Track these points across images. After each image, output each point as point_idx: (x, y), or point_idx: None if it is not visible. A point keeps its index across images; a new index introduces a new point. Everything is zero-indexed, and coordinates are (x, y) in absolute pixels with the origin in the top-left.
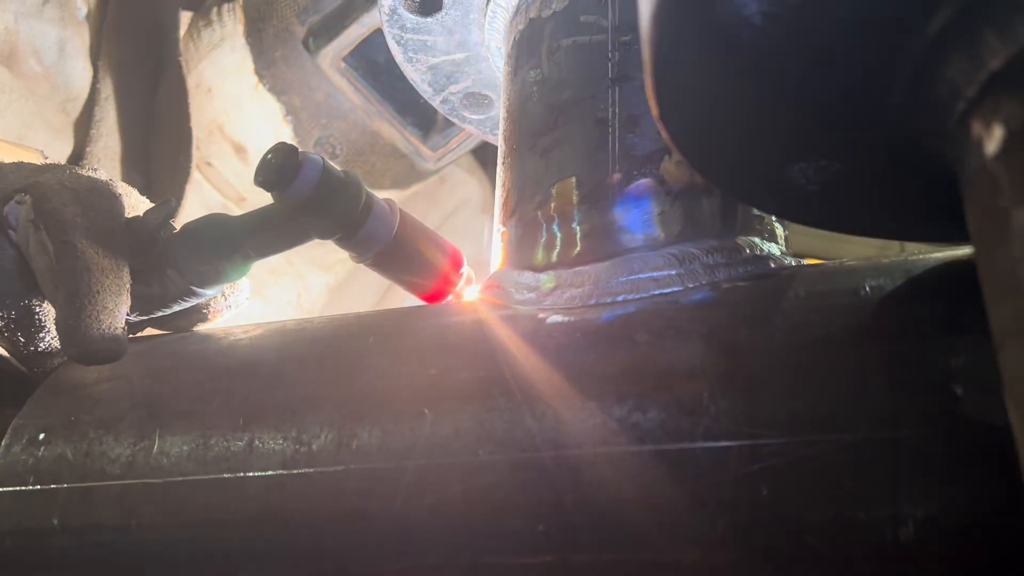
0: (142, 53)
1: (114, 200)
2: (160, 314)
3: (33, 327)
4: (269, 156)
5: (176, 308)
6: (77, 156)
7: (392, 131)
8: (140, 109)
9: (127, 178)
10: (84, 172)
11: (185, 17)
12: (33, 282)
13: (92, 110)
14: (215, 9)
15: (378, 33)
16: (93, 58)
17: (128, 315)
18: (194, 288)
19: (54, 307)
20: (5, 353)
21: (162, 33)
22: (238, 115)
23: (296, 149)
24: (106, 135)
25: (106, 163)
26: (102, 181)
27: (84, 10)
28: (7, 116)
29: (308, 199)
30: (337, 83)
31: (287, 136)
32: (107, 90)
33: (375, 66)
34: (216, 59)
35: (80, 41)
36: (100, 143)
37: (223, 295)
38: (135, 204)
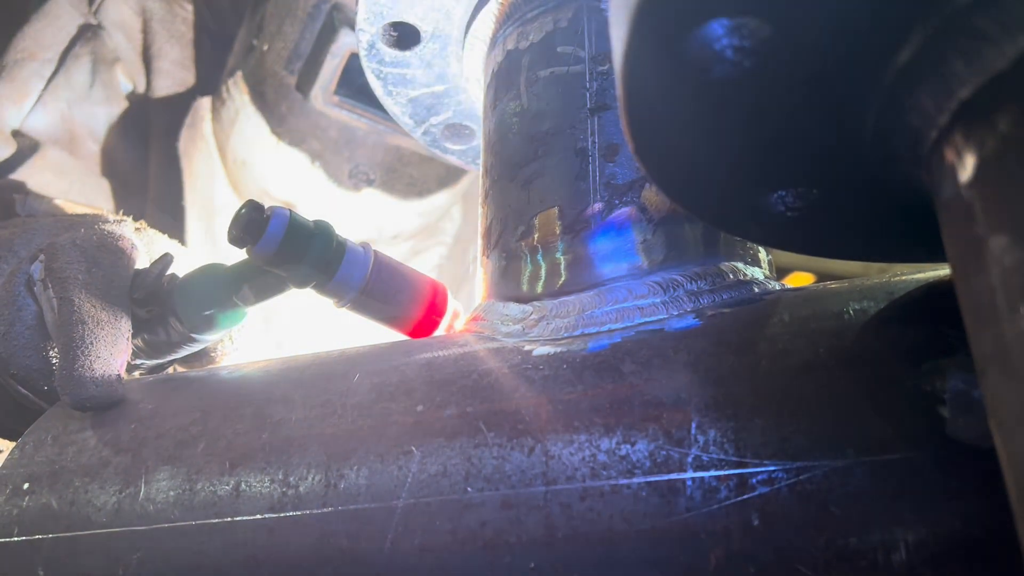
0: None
1: (119, 255)
2: (169, 358)
3: (51, 375)
4: (241, 211)
5: (183, 353)
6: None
7: (408, 139)
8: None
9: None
10: (108, 226)
11: (205, 102)
12: (49, 335)
13: (146, 181)
14: (224, 87)
15: (355, 57)
16: (141, 129)
17: (141, 361)
18: (193, 335)
19: (58, 359)
20: (28, 393)
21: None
22: (274, 176)
23: (262, 207)
24: (156, 201)
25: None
26: (114, 236)
27: (129, 86)
28: (71, 195)
29: (276, 253)
30: (337, 116)
31: (322, 179)
32: (157, 158)
33: (365, 88)
34: (239, 132)
35: (127, 116)
36: (151, 208)
37: (230, 338)
38: (159, 252)
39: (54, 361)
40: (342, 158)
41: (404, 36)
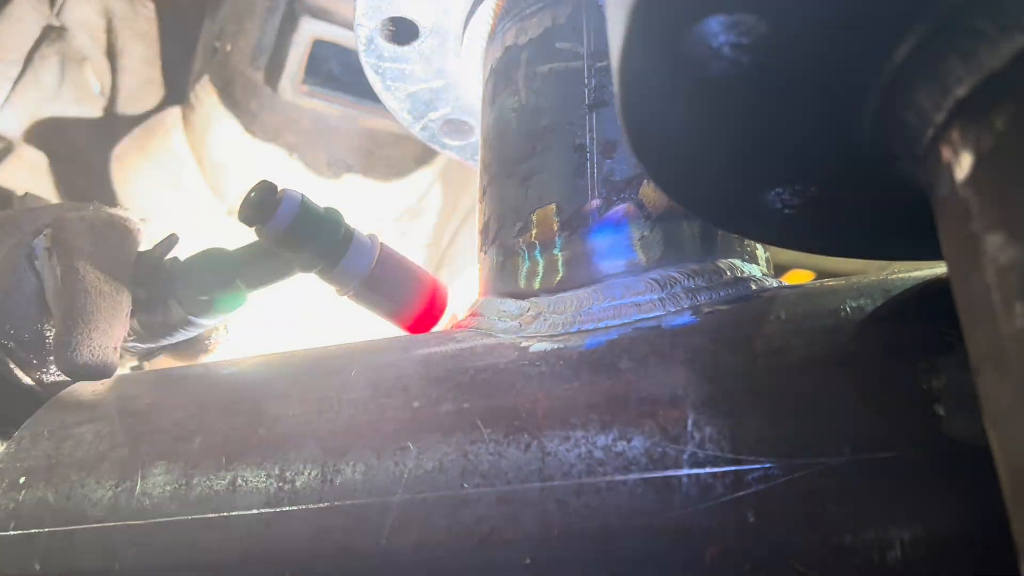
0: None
1: (126, 234)
2: (165, 342)
3: (44, 350)
4: (252, 193)
5: (179, 337)
6: None
7: (381, 120)
8: None
9: None
10: (115, 210)
11: (175, 112)
12: (48, 309)
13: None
14: (192, 94)
15: (319, 44)
16: (112, 127)
17: (136, 343)
18: (191, 318)
19: (56, 326)
20: (15, 367)
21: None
22: (253, 174)
23: (275, 187)
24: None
25: None
26: (121, 217)
27: (98, 86)
28: (46, 194)
29: (285, 233)
30: (309, 106)
31: (301, 171)
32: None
33: (332, 74)
34: (213, 136)
35: (99, 114)
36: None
37: (225, 328)
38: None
39: (48, 336)
40: (318, 147)
41: (403, 31)
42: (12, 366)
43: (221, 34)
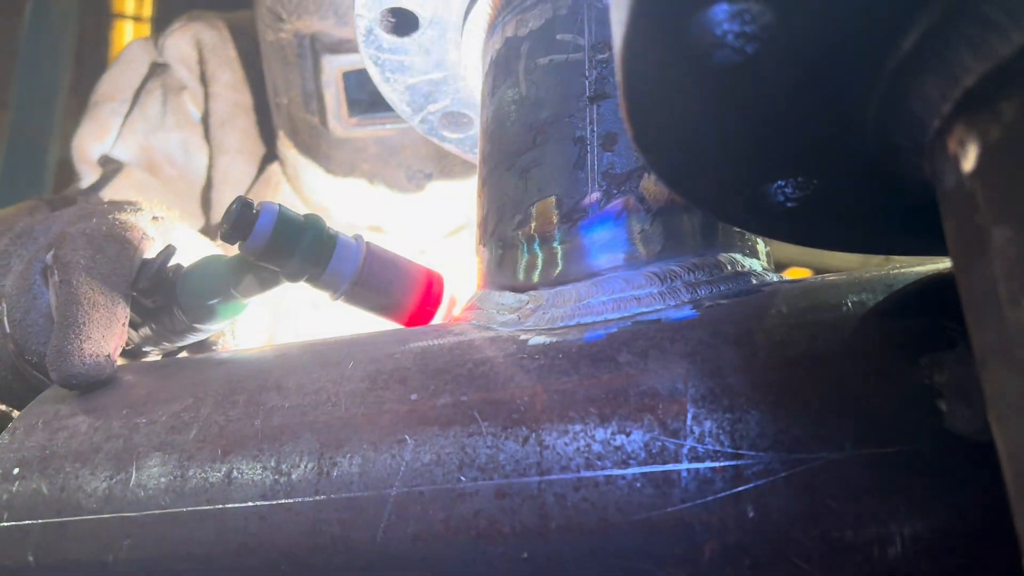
0: (245, 138)
1: (125, 245)
2: (173, 347)
3: None
4: (232, 207)
5: (190, 340)
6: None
7: None
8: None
9: None
10: (121, 216)
11: (276, 168)
12: None
13: (209, 194)
14: (277, 146)
15: (348, 74)
16: (208, 150)
17: (150, 348)
18: (195, 325)
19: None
20: (43, 378)
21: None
22: (348, 210)
23: (252, 203)
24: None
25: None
26: (124, 227)
27: (197, 113)
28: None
29: (266, 247)
30: (365, 135)
31: (387, 194)
32: (219, 175)
33: (373, 95)
34: (305, 184)
35: (198, 139)
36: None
37: (231, 333)
38: (176, 241)
39: None
40: (393, 167)
41: (402, 22)
42: (40, 376)
43: (276, 89)
